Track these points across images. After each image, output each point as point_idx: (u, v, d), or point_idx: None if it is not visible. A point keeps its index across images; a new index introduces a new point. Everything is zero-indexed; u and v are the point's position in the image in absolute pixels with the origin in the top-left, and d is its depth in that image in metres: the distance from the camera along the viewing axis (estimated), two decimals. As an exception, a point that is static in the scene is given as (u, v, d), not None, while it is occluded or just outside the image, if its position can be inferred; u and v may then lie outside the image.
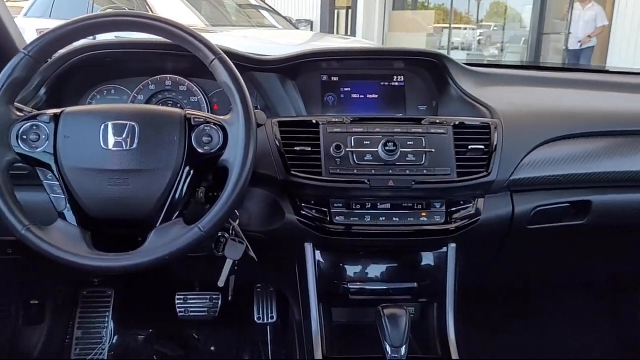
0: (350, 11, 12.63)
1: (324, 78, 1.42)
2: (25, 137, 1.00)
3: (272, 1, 7.71)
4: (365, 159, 1.18)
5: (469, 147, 1.21)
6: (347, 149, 1.18)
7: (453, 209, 1.23)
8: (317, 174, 1.17)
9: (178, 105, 1.37)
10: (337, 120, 1.23)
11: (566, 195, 1.31)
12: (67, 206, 1.02)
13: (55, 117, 1.02)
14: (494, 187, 1.24)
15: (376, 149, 1.18)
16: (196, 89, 1.38)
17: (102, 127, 1.00)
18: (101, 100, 1.37)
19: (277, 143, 1.19)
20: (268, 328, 1.83)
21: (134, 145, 1.00)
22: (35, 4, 6.77)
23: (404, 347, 1.13)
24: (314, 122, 1.22)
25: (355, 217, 1.20)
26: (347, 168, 1.17)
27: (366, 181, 1.17)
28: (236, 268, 1.22)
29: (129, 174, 1.00)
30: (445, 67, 1.39)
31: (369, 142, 1.19)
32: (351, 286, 1.29)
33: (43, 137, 1.01)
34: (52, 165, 1.01)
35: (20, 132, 1.00)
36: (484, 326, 1.81)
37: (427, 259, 1.31)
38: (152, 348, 1.85)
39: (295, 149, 1.19)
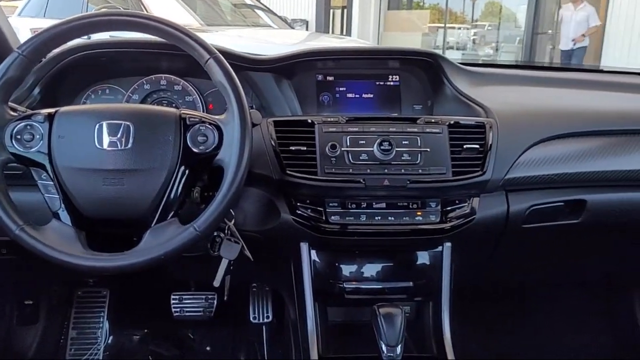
0: (345, 11, 12.63)
1: (319, 77, 1.42)
2: (19, 136, 1.00)
3: (267, 0, 7.70)
4: (360, 158, 1.18)
5: (464, 147, 1.21)
6: (343, 149, 1.18)
7: (448, 208, 1.23)
8: (312, 173, 1.17)
9: (173, 105, 1.37)
10: (332, 119, 1.23)
11: (561, 194, 1.32)
12: (62, 206, 1.02)
13: (50, 117, 1.02)
14: (488, 186, 1.24)
15: (371, 148, 1.18)
16: (191, 88, 1.37)
17: (96, 127, 1.00)
18: (95, 99, 1.37)
19: (273, 142, 1.19)
20: (264, 327, 1.83)
21: (129, 145, 1.00)
22: (29, 3, 6.74)
23: (399, 346, 1.13)
24: (309, 121, 1.22)
25: (351, 216, 1.20)
26: (343, 167, 1.17)
27: (361, 180, 1.17)
28: (231, 268, 1.22)
29: (123, 174, 1.00)
30: (440, 67, 1.39)
31: (364, 142, 1.19)
32: (347, 285, 1.29)
33: (37, 136, 1.00)
34: (47, 165, 1.01)
35: (14, 131, 1.00)
36: (479, 325, 1.81)
37: (423, 258, 1.31)
38: (147, 348, 1.85)
39: (290, 148, 1.19)
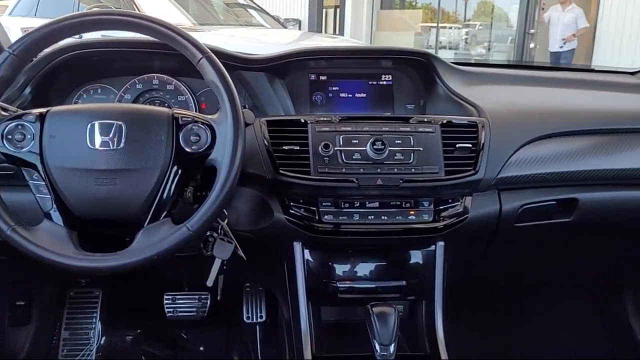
0: (338, 10, 12.63)
1: (312, 77, 1.42)
2: (10, 136, 0.99)
3: (260, 0, 7.69)
4: (353, 157, 1.18)
5: (457, 146, 1.21)
6: (336, 148, 1.18)
7: (441, 207, 1.23)
8: (305, 172, 1.17)
9: (165, 105, 1.36)
10: (325, 119, 1.23)
11: (553, 193, 1.33)
12: (53, 206, 1.01)
13: (41, 117, 1.01)
14: (481, 185, 1.24)
15: (364, 148, 1.18)
16: (184, 88, 1.37)
17: (88, 127, 0.99)
18: (87, 99, 1.36)
19: (266, 142, 1.19)
20: (257, 327, 1.83)
21: (121, 145, 0.99)
22: (20, 2, 6.70)
23: (392, 345, 1.14)
24: (302, 121, 1.22)
25: (344, 215, 1.21)
26: (336, 167, 1.18)
27: (354, 180, 1.17)
28: (225, 267, 1.22)
29: (116, 174, 0.99)
30: (433, 66, 1.39)
31: (357, 141, 1.19)
32: (340, 285, 1.29)
33: (28, 136, 1.00)
34: (38, 165, 1.00)
35: (5, 131, 0.99)
36: (472, 324, 1.82)
37: (416, 257, 1.32)
38: (140, 348, 1.84)
39: (283, 148, 1.19)
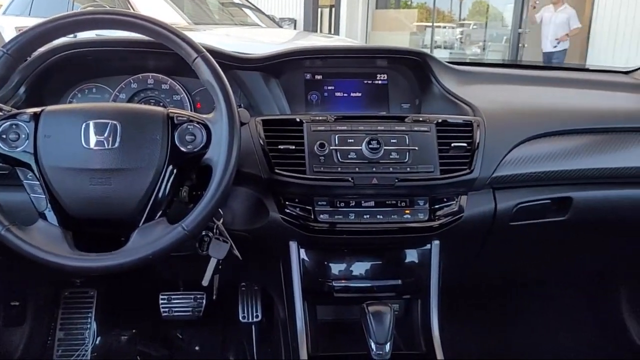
0: (333, 10, 12.63)
1: (308, 76, 1.42)
2: (4, 136, 0.99)
3: (255, -1, 7.69)
4: (349, 156, 1.18)
5: (452, 145, 1.22)
6: (331, 147, 1.18)
7: (436, 206, 1.24)
8: (301, 172, 1.17)
9: (160, 104, 1.36)
10: (320, 118, 1.23)
11: (547, 191, 1.33)
12: (48, 206, 1.01)
13: (35, 116, 1.01)
14: (476, 184, 1.25)
15: (360, 147, 1.18)
16: (179, 87, 1.37)
17: (83, 126, 0.99)
18: (82, 99, 1.36)
19: (261, 141, 1.19)
20: (253, 327, 1.83)
21: (116, 144, 0.99)
22: (14, 1, 6.67)
23: (388, 344, 1.14)
24: (298, 120, 1.22)
25: (340, 215, 1.21)
26: (331, 166, 1.18)
27: (350, 179, 1.17)
28: (220, 267, 1.22)
29: (111, 173, 0.99)
30: (428, 65, 1.39)
31: (352, 140, 1.19)
32: (336, 284, 1.29)
33: (23, 136, 0.99)
34: (32, 164, 1.00)
35: None
36: (467, 322, 1.82)
37: (411, 256, 1.32)
38: (135, 348, 1.84)
39: (279, 147, 1.19)
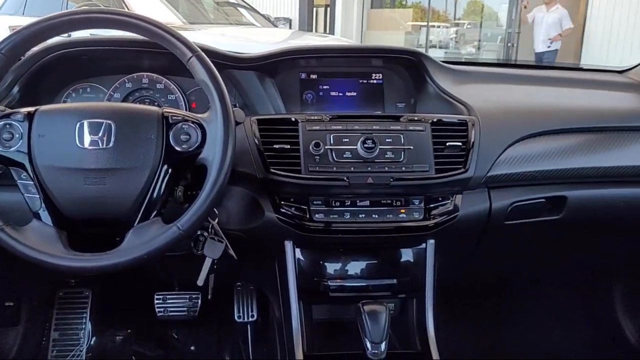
0: (328, 9, 12.63)
1: (303, 76, 1.42)
2: None
3: (250, -1, 7.67)
4: (344, 156, 1.18)
5: (447, 144, 1.22)
6: (326, 147, 1.18)
7: (431, 206, 1.24)
8: (296, 171, 1.17)
9: (155, 104, 1.36)
10: (316, 117, 1.23)
11: (542, 190, 1.34)
12: (42, 206, 1.01)
13: (29, 116, 1.00)
14: (471, 184, 1.25)
15: (355, 146, 1.18)
16: (173, 86, 1.36)
17: (77, 126, 0.99)
18: (76, 98, 1.35)
19: (256, 141, 1.19)
20: (248, 327, 1.82)
21: (110, 144, 0.99)
22: (7, 1, 6.63)
23: (383, 343, 1.14)
24: (293, 119, 1.22)
25: (335, 214, 1.21)
26: (326, 165, 1.18)
27: (345, 178, 1.17)
28: (215, 267, 1.22)
29: (105, 173, 0.99)
30: (423, 65, 1.40)
31: (347, 140, 1.19)
32: (331, 283, 1.29)
33: (17, 135, 0.99)
34: (26, 164, 1.00)
35: None
36: (463, 321, 1.83)
37: (406, 255, 1.32)
38: (130, 348, 1.84)
39: (274, 146, 1.19)
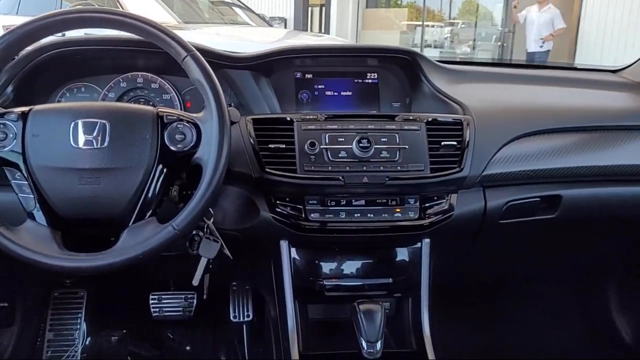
0: (323, 9, 12.63)
1: (298, 75, 1.42)
2: None
3: (245, -2, 7.66)
4: (339, 155, 1.18)
5: (442, 143, 1.22)
6: (322, 146, 1.18)
7: (427, 205, 1.24)
8: (291, 171, 1.17)
9: (150, 103, 1.35)
10: (311, 117, 1.23)
11: (537, 189, 1.34)
12: (37, 206, 1.00)
13: (23, 115, 1.00)
14: (466, 183, 1.25)
15: (350, 146, 1.18)
16: (168, 86, 1.36)
17: (72, 125, 0.98)
18: (70, 98, 1.35)
19: (252, 140, 1.19)
20: (244, 326, 1.82)
21: (105, 144, 0.98)
22: (1, 0, 6.60)
23: (379, 342, 1.14)
24: (288, 119, 1.22)
25: (330, 213, 1.21)
26: (322, 165, 1.18)
27: (340, 178, 1.17)
28: (211, 267, 1.22)
29: (100, 173, 0.99)
30: (418, 64, 1.40)
31: (343, 139, 1.19)
32: (327, 283, 1.30)
33: (10, 135, 0.99)
34: (20, 164, 0.99)
35: None
36: (458, 320, 1.83)
37: (402, 254, 1.32)
38: (126, 349, 1.83)
39: (269, 146, 1.19)
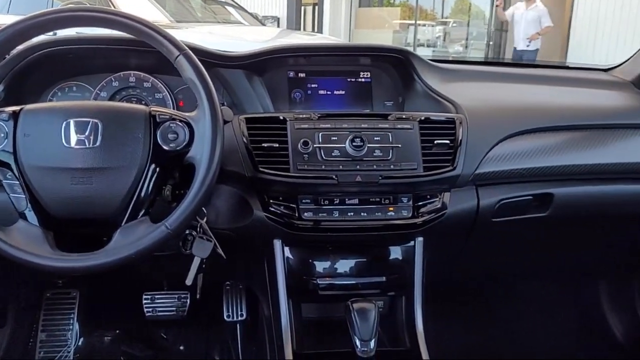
0: (316, 8, 12.63)
1: (291, 74, 1.42)
2: None
3: (238, -3, 7.65)
4: (332, 154, 1.18)
5: (435, 142, 1.22)
6: (315, 145, 1.18)
7: (420, 203, 1.24)
8: (284, 170, 1.17)
9: (142, 102, 1.35)
10: (304, 116, 1.23)
11: (529, 188, 1.35)
12: (28, 206, 1.00)
13: (15, 115, 0.99)
14: (459, 181, 1.26)
15: (343, 145, 1.18)
16: (161, 85, 1.36)
17: (63, 125, 0.98)
18: (62, 97, 1.34)
19: (245, 140, 1.19)
20: (238, 326, 1.82)
21: (97, 143, 0.98)
22: (-9, -1, 6.55)
23: (372, 341, 1.14)
24: (281, 118, 1.22)
25: (324, 212, 1.21)
26: (315, 164, 1.18)
27: (334, 177, 1.17)
28: (204, 266, 1.21)
29: (92, 172, 0.98)
30: (411, 63, 1.40)
31: (336, 138, 1.19)
32: (320, 281, 1.30)
33: (1, 135, 0.98)
34: (12, 164, 0.99)
35: None
36: (452, 318, 1.84)
37: (395, 253, 1.33)
38: (119, 349, 1.82)
39: (262, 145, 1.18)
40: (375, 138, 1.20)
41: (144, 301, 1.83)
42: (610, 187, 1.41)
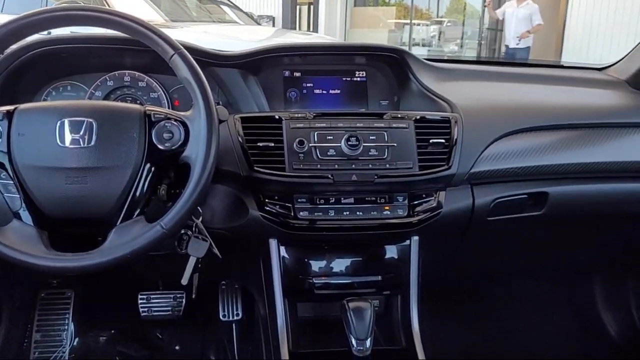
0: (312, 7, 12.63)
1: (286, 73, 1.42)
2: None
3: (233, -4, 7.64)
4: (328, 153, 1.18)
5: (430, 141, 1.22)
6: (310, 144, 1.18)
7: (415, 202, 1.24)
8: (280, 169, 1.17)
9: (137, 102, 1.35)
10: (299, 115, 1.23)
11: (524, 186, 1.35)
12: (23, 206, 0.99)
13: (9, 114, 0.99)
14: (454, 180, 1.26)
15: (339, 144, 1.18)
16: (156, 84, 1.35)
17: (58, 124, 0.98)
18: (57, 96, 1.34)
19: (240, 139, 1.19)
20: (233, 325, 1.82)
21: (92, 142, 0.98)
22: (-15, -2, 6.52)
23: (368, 340, 1.15)
24: (277, 117, 1.22)
25: (319, 212, 1.21)
26: (311, 163, 1.18)
27: (329, 176, 1.17)
28: (200, 266, 1.21)
29: (87, 172, 0.98)
30: (406, 62, 1.40)
31: (331, 137, 1.19)
32: (316, 281, 1.30)
33: None
34: (6, 163, 0.98)
35: None
36: (447, 317, 1.84)
37: (391, 252, 1.33)
38: (114, 349, 1.82)
39: (258, 144, 1.18)
40: (370, 137, 1.20)
41: (140, 301, 1.82)
42: (604, 185, 1.41)
